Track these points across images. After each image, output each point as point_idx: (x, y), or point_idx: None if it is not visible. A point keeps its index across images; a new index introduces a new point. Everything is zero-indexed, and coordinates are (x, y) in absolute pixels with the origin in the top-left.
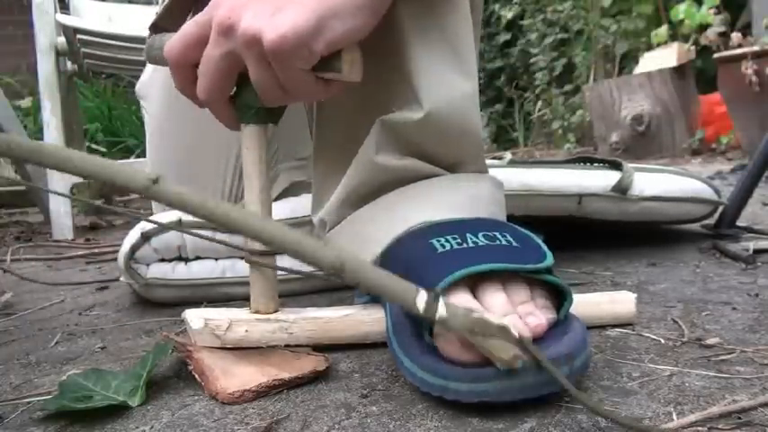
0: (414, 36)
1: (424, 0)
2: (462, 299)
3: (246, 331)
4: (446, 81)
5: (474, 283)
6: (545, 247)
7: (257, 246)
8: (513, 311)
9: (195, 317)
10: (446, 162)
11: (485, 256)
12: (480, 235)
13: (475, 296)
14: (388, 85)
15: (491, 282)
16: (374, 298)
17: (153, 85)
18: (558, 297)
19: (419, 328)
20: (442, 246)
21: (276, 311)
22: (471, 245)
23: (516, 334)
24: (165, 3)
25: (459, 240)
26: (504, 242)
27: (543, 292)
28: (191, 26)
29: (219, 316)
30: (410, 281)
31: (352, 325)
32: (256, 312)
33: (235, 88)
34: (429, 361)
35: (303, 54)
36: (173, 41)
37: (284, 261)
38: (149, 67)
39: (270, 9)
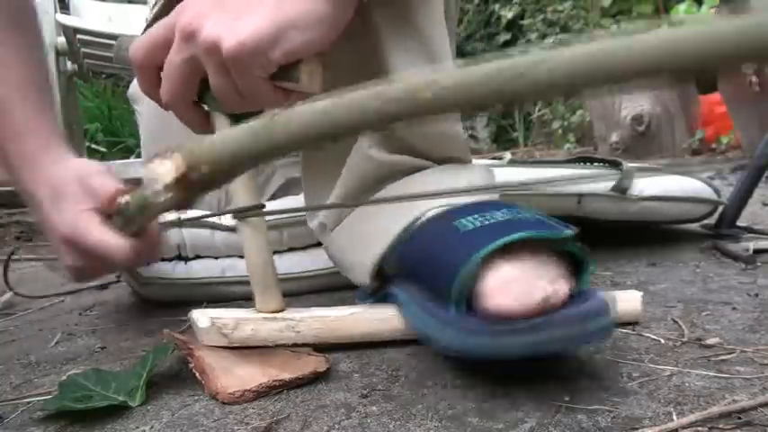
0: (391, 42)
1: (400, 8)
2: (500, 267)
3: (253, 330)
4: (418, 66)
5: (505, 254)
6: (560, 222)
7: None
8: (545, 273)
9: (202, 316)
10: (435, 157)
11: (512, 227)
12: (502, 211)
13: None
14: (360, 73)
15: (521, 251)
16: (379, 298)
17: None
18: (575, 268)
19: (448, 302)
20: (465, 226)
21: (282, 310)
22: (496, 219)
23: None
24: (160, 4)
25: (482, 218)
26: (523, 216)
27: (563, 261)
28: (157, 29)
29: (226, 315)
30: (437, 262)
31: (359, 324)
32: (262, 311)
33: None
34: (471, 324)
35: (260, 62)
36: (138, 43)
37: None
38: None
39: (231, 17)
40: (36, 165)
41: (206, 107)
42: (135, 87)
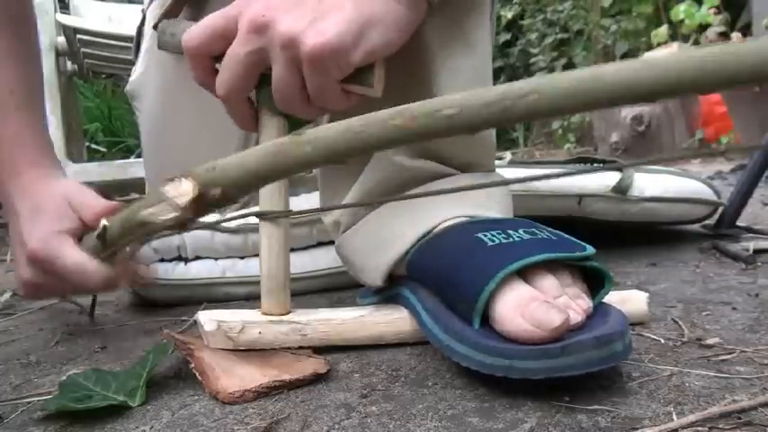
0: (438, 47)
1: (449, 13)
2: (520, 288)
3: (260, 333)
4: (464, 85)
5: (523, 273)
6: (578, 241)
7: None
8: (563, 294)
9: (208, 319)
10: (458, 163)
11: (533, 248)
12: (521, 231)
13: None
14: (408, 90)
15: (540, 270)
16: (384, 298)
17: (145, 84)
18: (594, 281)
19: (465, 314)
20: (491, 240)
21: (288, 313)
22: (517, 239)
23: None
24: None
25: (504, 235)
26: (543, 236)
27: (581, 279)
28: (216, 18)
29: (232, 318)
30: (461, 274)
31: (366, 326)
32: (268, 314)
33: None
34: (490, 343)
35: (340, 62)
36: (194, 31)
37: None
38: (139, 67)
39: (310, 14)
40: (22, 176)
41: (257, 104)
42: (134, 84)
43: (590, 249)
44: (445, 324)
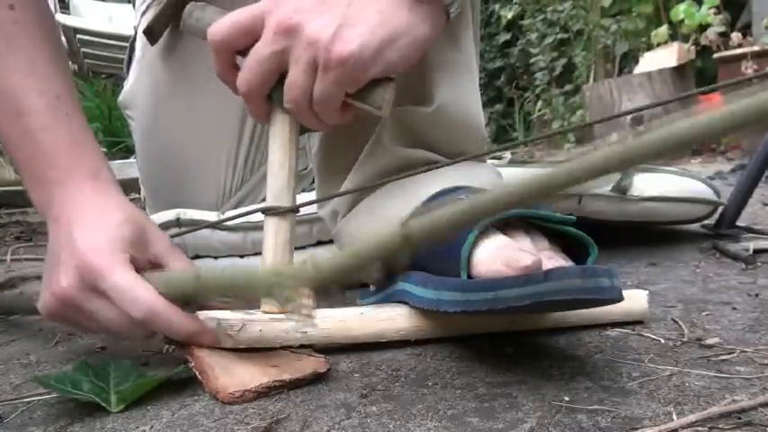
0: (434, 55)
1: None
2: (497, 238)
3: (261, 331)
4: (455, 81)
5: (500, 229)
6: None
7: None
8: (538, 248)
9: (207, 317)
10: (451, 153)
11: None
12: None
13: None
14: (402, 85)
15: (518, 230)
16: (383, 298)
17: (137, 93)
18: (579, 254)
19: (453, 273)
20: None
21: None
22: None
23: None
24: None
25: None
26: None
27: (561, 246)
28: (244, 15)
29: (232, 316)
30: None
31: (367, 324)
32: (269, 312)
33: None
34: (473, 282)
35: (357, 74)
36: (221, 24)
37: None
38: (131, 78)
39: (339, 20)
40: (82, 187)
41: (272, 100)
42: (126, 95)
43: (570, 218)
44: (434, 285)
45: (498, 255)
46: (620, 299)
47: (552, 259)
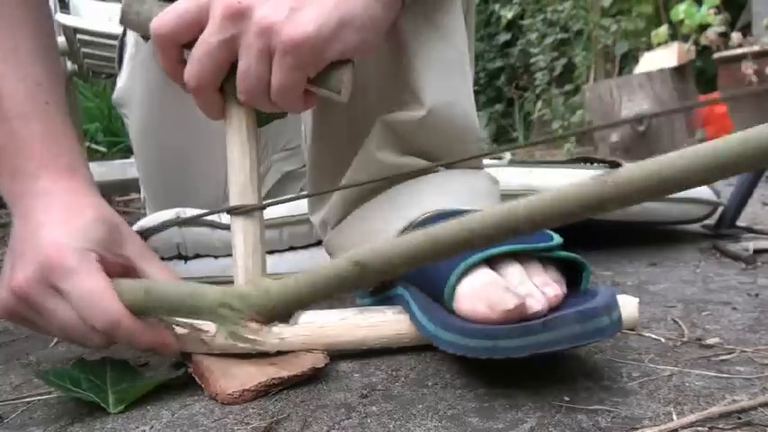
0: (412, 40)
1: (420, 6)
2: (484, 274)
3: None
4: (446, 81)
5: (491, 264)
6: (549, 231)
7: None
8: (529, 281)
9: (181, 322)
10: (443, 160)
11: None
12: None
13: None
14: (388, 87)
15: (507, 259)
16: (381, 299)
17: (131, 91)
18: (574, 273)
19: (436, 291)
20: None
21: None
22: None
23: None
24: None
25: None
26: None
27: (555, 268)
28: (188, 5)
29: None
30: (432, 266)
31: (348, 330)
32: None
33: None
34: (475, 326)
35: (315, 57)
36: (164, 17)
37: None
38: (123, 75)
39: (288, 3)
40: (55, 182)
41: (224, 94)
42: (121, 92)
43: (557, 239)
44: (432, 314)
45: (482, 294)
46: (620, 329)
47: (547, 286)
